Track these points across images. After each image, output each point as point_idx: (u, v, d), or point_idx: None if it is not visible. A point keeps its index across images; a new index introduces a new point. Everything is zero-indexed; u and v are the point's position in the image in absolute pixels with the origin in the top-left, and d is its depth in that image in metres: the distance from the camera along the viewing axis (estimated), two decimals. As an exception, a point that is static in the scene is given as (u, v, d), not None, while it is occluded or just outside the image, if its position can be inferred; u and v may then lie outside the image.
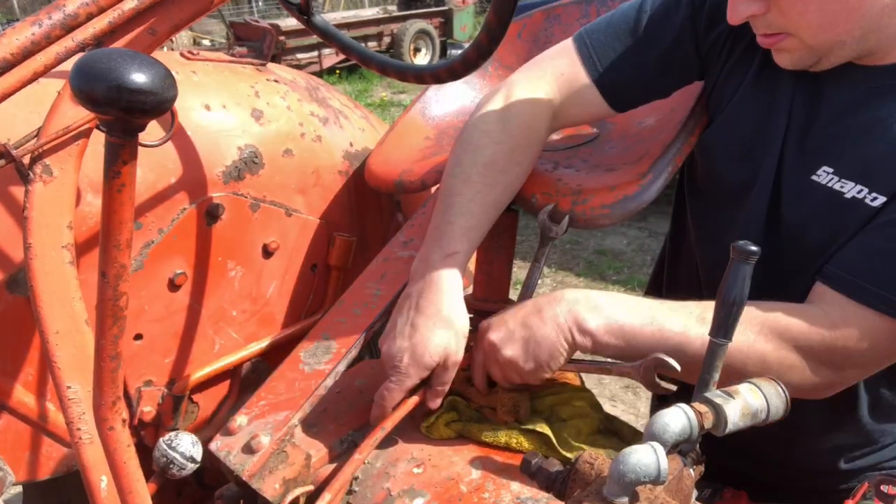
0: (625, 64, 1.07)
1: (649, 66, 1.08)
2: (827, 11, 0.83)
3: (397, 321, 0.98)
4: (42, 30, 0.82)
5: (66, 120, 0.87)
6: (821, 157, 0.95)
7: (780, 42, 0.90)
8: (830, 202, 0.93)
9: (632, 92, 1.11)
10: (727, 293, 0.73)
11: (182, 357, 1.24)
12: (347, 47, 1.04)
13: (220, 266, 1.24)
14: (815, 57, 0.90)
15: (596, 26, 1.11)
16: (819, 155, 0.95)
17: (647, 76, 1.09)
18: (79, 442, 0.84)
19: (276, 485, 0.92)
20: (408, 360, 0.94)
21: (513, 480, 0.91)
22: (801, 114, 0.97)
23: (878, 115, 0.90)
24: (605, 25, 1.10)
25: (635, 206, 1.09)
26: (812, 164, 0.95)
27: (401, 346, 0.95)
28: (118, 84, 0.54)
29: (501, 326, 0.96)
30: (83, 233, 1.06)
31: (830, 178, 0.93)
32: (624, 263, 4.41)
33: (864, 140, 0.91)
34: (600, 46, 1.09)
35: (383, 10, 12.08)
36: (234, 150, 1.21)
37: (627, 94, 1.11)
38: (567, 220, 1.10)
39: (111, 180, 0.62)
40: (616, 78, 1.08)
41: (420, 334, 0.94)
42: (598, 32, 1.10)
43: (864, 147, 0.91)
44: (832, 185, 0.93)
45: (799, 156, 0.97)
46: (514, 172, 1.07)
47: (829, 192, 0.93)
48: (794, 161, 0.98)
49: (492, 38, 0.84)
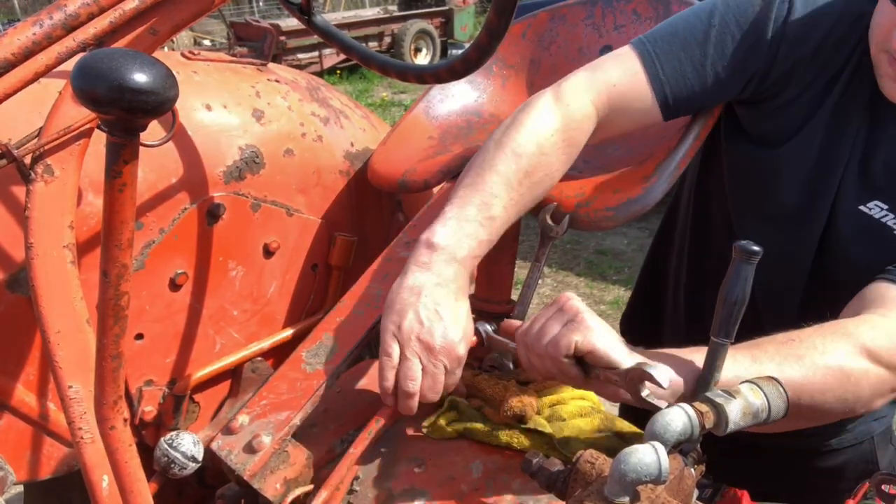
0: (692, 80, 1.06)
1: (715, 82, 1.06)
2: None
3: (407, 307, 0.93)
4: (43, 30, 0.82)
5: (68, 120, 0.87)
6: (876, 191, 0.99)
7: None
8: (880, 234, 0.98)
9: (689, 105, 1.10)
10: (729, 293, 0.73)
11: (183, 357, 1.24)
12: (348, 47, 1.04)
13: (221, 266, 1.24)
14: None
15: (660, 35, 1.08)
16: (875, 189, 0.99)
17: (709, 92, 1.08)
18: (80, 441, 0.84)
19: (277, 484, 0.93)
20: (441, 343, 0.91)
21: (513, 480, 0.91)
22: (863, 146, 1.00)
23: None
24: (670, 35, 1.07)
25: (639, 209, 1.09)
26: (866, 196, 1.00)
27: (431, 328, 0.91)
28: (119, 84, 0.54)
29: None
30: (84, 232, 1.06)
31: (885, 213, 0.99)
32: (624, 263, 4.40)
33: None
34: (666, 59, 1.06)
35: (384, 10, 12.09)
36: (234, 150, 1.21)
37: (684, 108, 1.10)
38: (567, 220, 1.10)
39: (112, 180, 0.62)
40: (680, 93, 1.07)
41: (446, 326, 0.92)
42: (663, 42, 1.07)
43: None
44: (885, 220, 0.99)
45: (856, 186, 1.01)
46: (545, 186, 1.05)
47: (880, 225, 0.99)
48: (850, 189, 1.02)
49: (492, 37, 0.84)
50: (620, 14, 1.38)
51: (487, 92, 1.50)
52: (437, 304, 0.91)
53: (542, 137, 1.02)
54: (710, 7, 1.06)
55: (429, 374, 0.91)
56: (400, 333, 0.91)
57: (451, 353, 0.91)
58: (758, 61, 1.04)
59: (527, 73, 1.49)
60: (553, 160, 1.03)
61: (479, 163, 1.02)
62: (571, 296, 0.90)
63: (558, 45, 1.45)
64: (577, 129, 1.05)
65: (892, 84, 0.94)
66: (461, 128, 1.47)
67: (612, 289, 4.09)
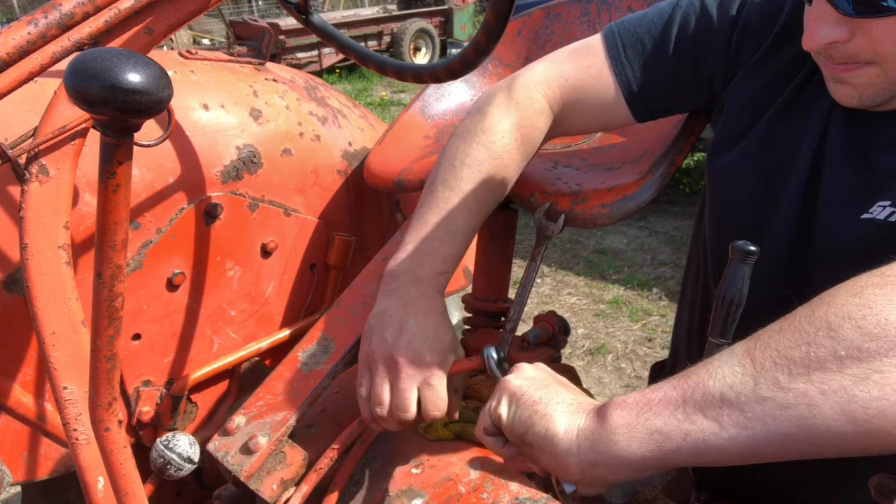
0: (658, 67, 0.98)
1: (683, 69, 0.98)
2: None
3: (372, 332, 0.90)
4: (38, 29, 0.82)
5: (63, 120, 0.86)
6: (875, 193, 0.83)
7: (855, 72, 0.78)
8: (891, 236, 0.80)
9: (660, 97, 1.01)
10: (726, 293, 0.73)
11: (180, 357, 1.24)
12: (346, 46, 1.04)
13: (218, 266, 1.24)
14: (891, 94, 0.79)
15: (629, 21, 1.01)
16: (872, 191, 0.83)
17: (681, 82, 0.99)
18: (75, 443, 0.84)
19: (273, 485, 0.92)
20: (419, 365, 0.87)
21: (511, 481, 0.91)
22: (841, 149, 0.86)
23: None
24: (637, 20, 1.00)
25: (635, 206, 1.09)
26: (862, 202, 0.83)
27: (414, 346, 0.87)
28: (112, 84, 0.53)
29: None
30: (81, 233, 1.06)
31: (887, 210, 0.81)
32: (624, 263, 4.40)
33: None
34: (631, 45, 0.99)
35: (383, 10, 12.08)
36: (232, 150, 1.21)
37: (654, 101, 1.01)
38: (563, 219, 1.10)
39: (106, 181, 0.62)
40: (647, 83, 0.99)
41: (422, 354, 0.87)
42: (630, 26, 1.00)
43: None
44: (887, 218, 0.81)
45: (843, 198, 0.85)
46: (505, 187, 1.02)
47: (889, 227, 0.81)
48: (835, 199, 0.86)
49: (490, 37, 0.83)
50: (616, 11, 1.37)
51: (483, 91, 1.49)
52: (402, 322, 0.88)
53: (495, 144, 0.99)
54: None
55: (396, 390, 0.87)
56: (367, 358, 0.89)
57: (418, 363, 0.86)
58: (720, 47, 0.96)
59: (524, 72, 1.48)
60: (508, 162, 1.00)
61: (433, 181, 1.00)
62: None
63: (554, 42, 1.45)
64: (531, 126, 1.02)
65: (833, 85, 0.83)
66: (457, 127, 1.46)
67: (611, 288, 4.09)
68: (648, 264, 4.33)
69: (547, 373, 0.78)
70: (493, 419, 0.75)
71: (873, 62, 0.76)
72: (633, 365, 3.33)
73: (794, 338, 0.56)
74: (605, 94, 1.01)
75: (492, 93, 1.05)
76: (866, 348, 0.52)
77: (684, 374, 0.62)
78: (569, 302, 3.99)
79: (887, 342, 0.52)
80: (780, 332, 0.58)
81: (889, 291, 0.54)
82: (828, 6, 0.74)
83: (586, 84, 1.01)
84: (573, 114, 1.04)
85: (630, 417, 0.63)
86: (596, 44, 1.02)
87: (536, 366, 0.79)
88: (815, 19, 0.76)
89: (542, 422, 0.69)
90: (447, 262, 0.95)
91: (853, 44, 0.76)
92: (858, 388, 0.52)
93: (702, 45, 0.96)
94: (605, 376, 3.26)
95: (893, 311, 0.53)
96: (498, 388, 0.76)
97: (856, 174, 0.84)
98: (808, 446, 0.55)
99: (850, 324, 0.54)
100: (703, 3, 0.96)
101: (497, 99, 1.03)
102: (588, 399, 0.72)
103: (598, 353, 3.44)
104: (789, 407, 0.55)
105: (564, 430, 0.67)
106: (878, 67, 0.76)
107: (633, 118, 1.03)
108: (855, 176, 0.84)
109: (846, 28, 0.75)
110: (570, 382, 0.78)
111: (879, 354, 0.52)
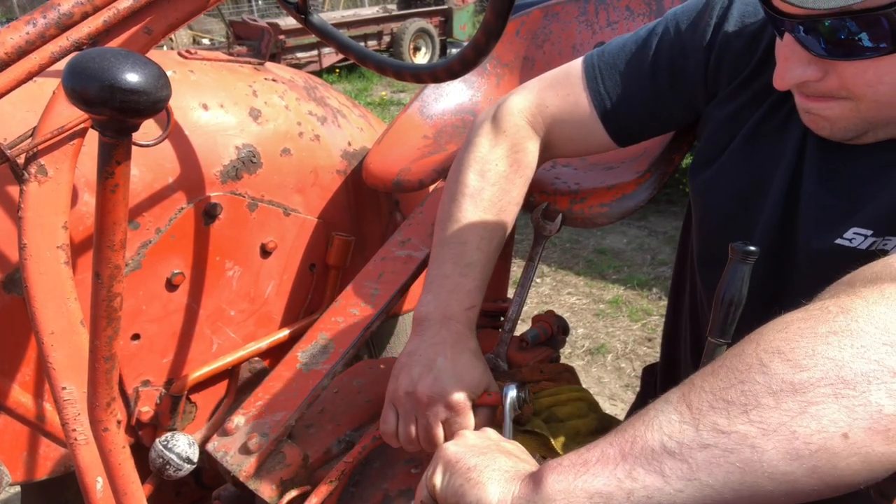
0: (636, 94, 0.99)
1: (665, 104, 0.99)
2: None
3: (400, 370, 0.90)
4: (36, 29, 0.82)
5: (62, 119, 0.86)
6: (851, 220, 0.82)
7: (828, 104, 0.76)
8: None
9: (636, 124, 1.02)
10: (725, 293, 0.73)
11: (180, 357, 1.24)
12: (345, 46, 1.04)
13: (217, 266, 1.24)
14: (865, 130, 0.77)
15: (609, 49, 1.02)
16: (848, 217, 0.82)
17: (662, 113, 1.01)
18: (74, 443, 0.84)
19: (273, 485, 0.92)
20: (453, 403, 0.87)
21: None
22: (817, 175, 0.85)
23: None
24: (618, 48, 1.00)
25: (633, 206, 1.09)
26: (838, 227, 0.82)
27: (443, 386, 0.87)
28: (111, 84, 0.53)
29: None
30: (80, 233, 1.05)
31: (868, 240, 0.80)
32: (624, 262, 4.40)
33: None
34: (609, 74, 0.99)
35: (383, 9, 12.07)
36: (231, 150, 1.21)
37: (630, 127, 1.02)
38: (560, 218, 1.10)
39: (105, 181, 0.62)
40: (622, 109, 1.00)
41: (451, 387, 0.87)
42: (610, 57, 1.00)
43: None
44: (869, 248, 0.80)
45: (819, 218, 0.85)
46: (512, 212, 1.03)
47: (865, 254, 0.79)
48: (811, 223, 0.85)
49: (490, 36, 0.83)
50: (614, 10, 1.37)
51: (482, 90, 1.49)
52: (430, 360, 0.89)
53: (490, 171, 1.00)
54: (662, 19, 0.99)
55: (420, 426, 0.88)
56: (393, 394, 0.90)
57: (442, 399, 0.86)
58: (699, 69, 0.95)
59: (521, 72, 1.48)
60: (507, 187, 1.01)
61: (442, 218, 1.01)
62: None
63: (552, 42, 1.45)
64: (522, 151, 1.03)
65: (805, 115, 0.81)
66: (456, 126, 1.46)
67: (611, 288, 4.09)
68: (648, 264, 4.32)
69: (490, 440, 0.74)
70: (429, 489, 0.70)
71: (847, 98, 0.74)
72: (632, 365, 3.33)
73: (727, 378, 0.54)
74: (586, 122, 1.02)
75: (478, 124, 1.06)
76: (798, 381, 0.51)
77: (620, 429, 0.59)
78: (568, 302, 3.99)
79: (818, 372, 0.50)
80: (713, 374, 0.56)
81: (813, 324, 0.53)
82: (798, 46, 0.73)
83: (566, 112, 1.02)
84: (557, 140, 1.05)
85: (567, 482, 0.58)
86: (575, 73, 1.02)
87: (481, 432, 0.75)
88: (784, 59, 0.75)
89: (474, 490, 0.64)
90: (472, 296, 0.95)
91: (825, 82, 0.74)
92: (797, 422, 0.50)
93: (679, 68, 0.97)
94: (605, 376, 3.26)
95: (819, 343, 0.52)
96: (435, 457, 0.72)
97: (831, 200, 0.83)
98: (759, 493, 0.52)
99: (779, 358, 0.52)
100: (678, 29, 0.96)
101: (484, 130, 1.04)
102: (528, 465, 0.68)
103: (597, 353, 3.44)
104: (732, 451, 0.52)
105: (498, 499, 0.62)
106: (852, 103, 0.75)
107: (615, 144, 1.04)
108: (831, 202, 0.83)
109: (817, 67, 0.73)
110: (517, 449, 0.73)
111: (812, 385, 0.50)
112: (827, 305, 0.55)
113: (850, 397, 0.49)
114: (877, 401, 0.49)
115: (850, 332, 0.51)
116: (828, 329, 0.52)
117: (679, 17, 0.97)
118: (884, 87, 0.71)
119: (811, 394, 0.50)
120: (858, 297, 0.54)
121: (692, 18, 0.95)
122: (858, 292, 0.55)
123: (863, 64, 0.70)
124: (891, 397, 0.49)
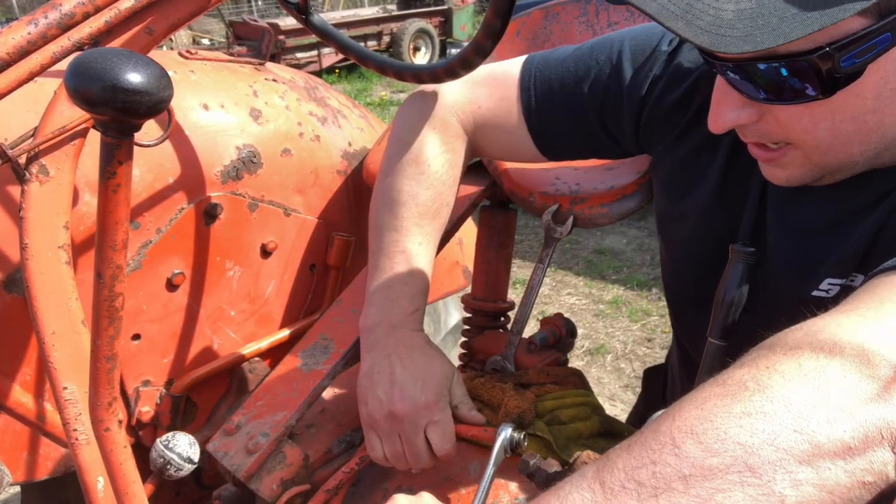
0: (565, 126, 0.98)
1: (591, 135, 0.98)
2: (840, 132, 0.68)
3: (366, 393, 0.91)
4: (38, 29, 0.82)
5: (63, 120, 0.86)
6: (823, 271, 0.79)
7: (780, 159, 0.74)
8: None
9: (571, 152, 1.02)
10: (725, 294, 0.73)
11: (180, 357, 1.24)
12: (345, 47, 1.04)
13: (218, 266, 1.24)
14: (820, 174, 0.75)
15: (552, 55, 1.00)
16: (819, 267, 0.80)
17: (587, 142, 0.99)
18: (75, 443, 0.84)
19: (273, 485, 0.92)
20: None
21: (511, 481, 0.91)
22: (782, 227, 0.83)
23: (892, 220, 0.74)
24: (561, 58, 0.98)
25: (634, 206, 1.09)
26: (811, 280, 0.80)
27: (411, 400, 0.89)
28: (113, 84, 0.54)
29: None
30: (81, 233, 1.06)
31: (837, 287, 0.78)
32: (623, 263, 4.40)
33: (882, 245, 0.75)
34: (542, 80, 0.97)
35: (383, 10, 12.07)
36: (232, 150, 1.21)
37: (557, 141, 1.01)
38: (572, 221, 1.10)
39: (107, 181, 0.62)
40: (552, 133, 0.99)
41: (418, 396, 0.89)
42: (548, 62, 0.98)
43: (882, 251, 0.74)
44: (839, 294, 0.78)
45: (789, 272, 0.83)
46: (445, 213, 1.03)
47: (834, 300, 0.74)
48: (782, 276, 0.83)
49: (490, 37, 0.83)
50: (614, 11, 1.37)
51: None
52: (390, 374, 0.90)
53: (424, 174, 0.99)
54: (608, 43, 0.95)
55: (406, 442, 0.89)
56: (369, 420, 0.91)
57: (416, 409, 0.88)
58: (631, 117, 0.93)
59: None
60: (441, 189, 1.00)
61: (377, 225, 1.00)
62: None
63: (553, 43, 1.45)
64: (451, 150, 1.02)
65: (762, 165, 0.78)
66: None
67: (610, 288, 4.09)
68: (648, 264, 4.33)
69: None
70: None
71: (792, 145, 0.72)
72: (632, 365, 3.33)
73: (641, 456, 0.52)
74: (514, 130, 1.01)
75: (407, 113, 1.04)
76: (708, 465, 0.49)
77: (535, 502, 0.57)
78: (568, 302, 3.99)
79: (728, 458, 0.49)
80: (629, 450, 0.54)
81: (729, 402, 0.52)
82: (730, 88, 0.70)
83: (497, 116, 1.01)
84: (486, 143, 1.05)
85: None
86: (512, 78, 1.00)
87: (418, 497, 0.70)
88: (717, 101, 0.72)
89: None
90: (415, 300, 0.97)
91: (763, 125, 0.72)
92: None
93: (612, 111, 0.94)
94: (605, 376, 3.26)
95: (732, 424, 0.50)
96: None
97: (799, 252, 0.81)
98: None
99: (692, 439, 0.51)
100: (619, 69, 0.93)
101: (413, 123, 1.03)
102: None
103: (597, 354, 3.44)
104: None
105: None
106: (800, 151, 0.72)
107: (545, 158, 1.03)
108: (799, 254, 0.81)
109: (753, 110, 0.71)
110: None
111: (721, 472, 0.49)
112: (745, 381, 0.53)
113: (756, 486, 0.48)
114: (780, 490, 0.47)
115: (763, 415, 0.50)
116: (742, 409, 0.51)
117: (624, 53, 0.93)
118: (821, 132, 0.68)
119: (719, 481, 0.49)
120: (776, 373, 0.52)
121: (637, 63, 0.92)
122: (777, 365, 0.53)
123: (797, 109, 0.67)
124: (794, 487, 0.47)
